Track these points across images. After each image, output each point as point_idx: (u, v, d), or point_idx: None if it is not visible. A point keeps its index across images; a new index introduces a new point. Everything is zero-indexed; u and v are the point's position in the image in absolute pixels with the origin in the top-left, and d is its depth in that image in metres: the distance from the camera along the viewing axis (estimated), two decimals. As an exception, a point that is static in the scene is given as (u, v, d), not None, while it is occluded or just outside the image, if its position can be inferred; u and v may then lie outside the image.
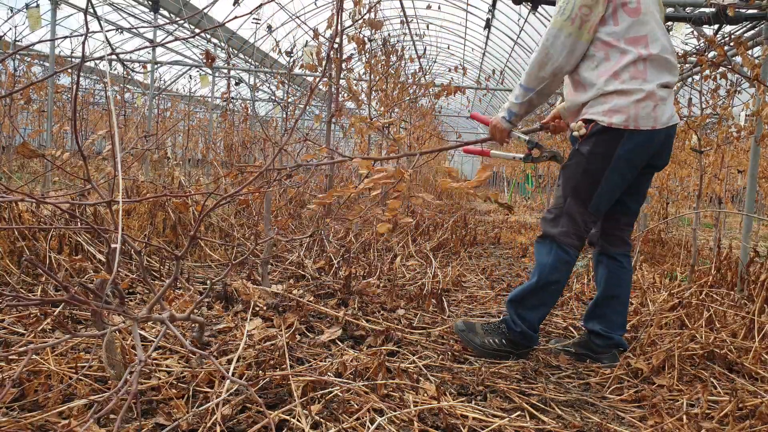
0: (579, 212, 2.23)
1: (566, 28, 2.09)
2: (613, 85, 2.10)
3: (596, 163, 2.17)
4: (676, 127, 2.26)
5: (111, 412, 1.51)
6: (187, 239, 3.07)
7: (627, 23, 2.11)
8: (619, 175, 2.19)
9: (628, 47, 2.10)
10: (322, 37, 4.37)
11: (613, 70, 2.10)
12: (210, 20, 10.26)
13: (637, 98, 2.09)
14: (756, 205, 9.22)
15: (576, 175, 2.21)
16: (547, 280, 2.24)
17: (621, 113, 2.10)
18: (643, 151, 2.17)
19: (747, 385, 2.07)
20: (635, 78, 2.10)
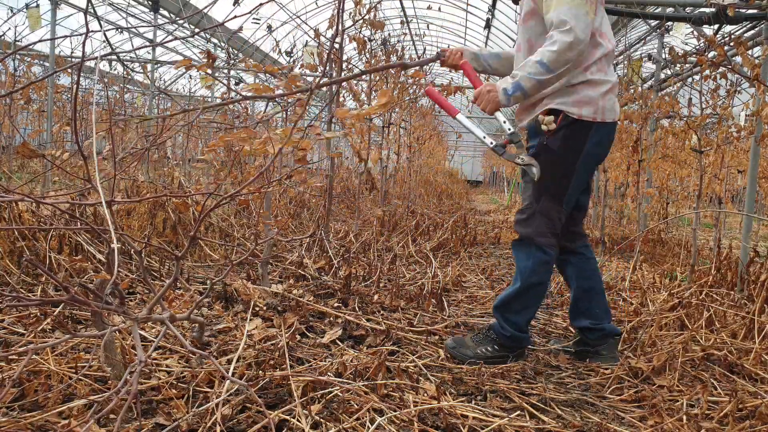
0: (554, 210, 2.19)
1: (583, 7, 1.97)
2: (583, 77, 2.08)
3: (567, 157, 2.14)
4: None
5: (111, 412, 1.51)
6: (187, 239, 3.07)
7: (600, 16, 2.10)
8: (586, 168, 2.19)
9: (601, 40, 2.09)
10: (323, 37, 4.37)
11: (585, 64, 2.08)
12: (210, 20, 10.26)
13: (604, 90, 2.09)
14: (756, 205, 9.22)
15: (549, 173, 2.13)
16: (530, 283, 2.22)
17: (590, 105, 2.08)
18: (608, 143, 2.18)
19: (747, 386, 2.07)
20: (600, 70, 2.10)
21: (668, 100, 4.50)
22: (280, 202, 5.49)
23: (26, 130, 10.43)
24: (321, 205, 4.38)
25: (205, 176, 7.01)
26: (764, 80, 3.24)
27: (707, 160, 4.38)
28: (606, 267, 4.44)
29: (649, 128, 5.31)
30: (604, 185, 6.06)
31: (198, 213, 3.77)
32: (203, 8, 2.49)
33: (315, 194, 6.14)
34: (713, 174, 5.70)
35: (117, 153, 3.03)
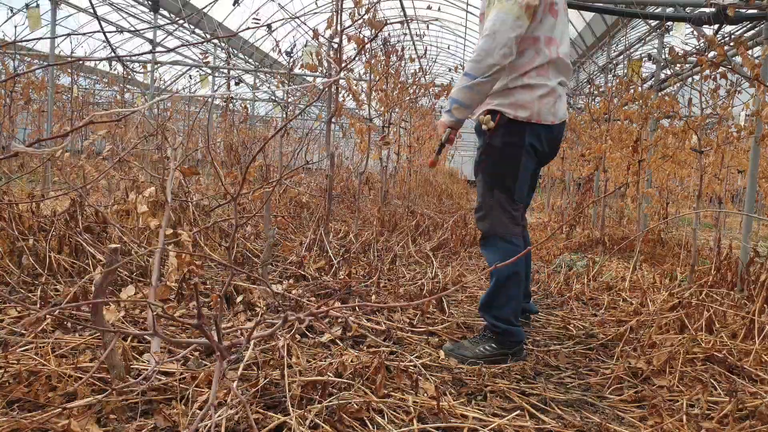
0: (507, 201, 2.29)
1: (513, 11, 2.06)
2: (521, 81, 2.18)
3: (511, 152, 2.25)
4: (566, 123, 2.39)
5: (111, 413, 1.51)
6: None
7: (550, 23, 2.18)
8: (529, 164, 2.30)
9: (543, 48, 2.18)
10: (322, 37, 4.36)
11: (524, 69, 2.18)
12: (210, 20, 10.25)
13: (540, 93, 2.19)
14: (756, 205, 9.22)
15: (496, 168, 2.27)
16: (505, 276, 2.26)
17: (525, 108, 2.19)
18: (549, 143, 2.31)
19: (747, 386, 2.07)
20: (539, 75, 2.19)
21: (668, 100, 4.50)
22: (280, 202, 5.49)
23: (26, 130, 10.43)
24: (321, 205, 4.38)
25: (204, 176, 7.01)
26: (764, 80, 3.24)
27: (707, 160, 4.38)
28: (606, 267, 4.44)
29: (649, 128, 5.31)
30: (604, 185, 6.06)
31: (195, 213, 3.77)
32: (203, 8, 2.49)
33: (315, 194, 6.14)
34: (713, 174, 5.70)
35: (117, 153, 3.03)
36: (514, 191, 2.29)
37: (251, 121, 9.96)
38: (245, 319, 2.46)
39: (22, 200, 3.00)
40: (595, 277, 3.93)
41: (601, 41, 9.42)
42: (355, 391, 1.74)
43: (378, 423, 1.60)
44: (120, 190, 4.09)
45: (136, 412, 1.54)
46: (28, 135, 9.10)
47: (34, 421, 1.40)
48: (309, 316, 1.52)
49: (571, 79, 2.50)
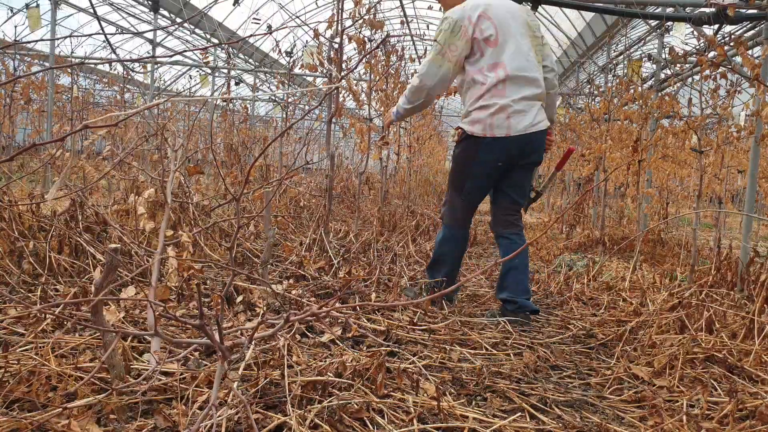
0: (457, 200, 2.86)
1: (437, 61, 2.67)
2: (477, 104, 2.66)
3: (463, 161, 2.78)
4: (543, 133, 2.74)
5: (111, 413, 1.51)
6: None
7: (489, 53, 2.63)
8: (484, 172, 2.77)
9: (489, 74, 2.63)
10: (322, 37, 4.36)
11: (478, 94, 2.65)
12: (210, 20, 10.25)
13: (491, 111, 2.62)
14: (756, 205, 9.22)
15: (453, 172, 2.87)
16: (439, 253, 2.96)
17: (479, 124, 2.65)
18: (500, 153, 2.69)
19: (747, 387, 2.07)
20: (494, 96, 2.63)
21: (668, 100, 4.50)
22: (280, 203, 5.49)
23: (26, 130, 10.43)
24: (321, 205, 4.38)
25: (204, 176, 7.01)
26: (764, 80, 3.24)
27: (707, 160, 4.38)
28: (606, 267, 4.44)
29: (649, 128, 5.31)
30: (604, 185, 6.06)
31: (195, 213, 3.77)
32: (203, 8, 2.49)
33: (315, 194, 6.14)
34: (713, 174, 5.70)
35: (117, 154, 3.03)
36: (462, 192, 2.83)
37: (251, 121, 9.95)
38: (245, 319, 2.46)
39: (22, 200, 3.00)
40: (595, 277, 3.93)
41: (601, 41, 9.42)
42: (355, 391, 1.74)
43: (378, 423, 1.60)
44: (120, 190, 4.09)
45: (136, 412, 1.55)
46: (27, 135, 9.09)
47: (34, 421, 1.40)
48: (310, 316, 1.52)
49: (555, 85, 2.89)
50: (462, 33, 2.62)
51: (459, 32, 2.62)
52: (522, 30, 2.69)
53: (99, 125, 0.96)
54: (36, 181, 6.59)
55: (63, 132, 7.63)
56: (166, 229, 2.55)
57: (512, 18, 2.68)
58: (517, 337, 2.61)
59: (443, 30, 2.66)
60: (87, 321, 2.17)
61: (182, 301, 2.57)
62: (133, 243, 3.01)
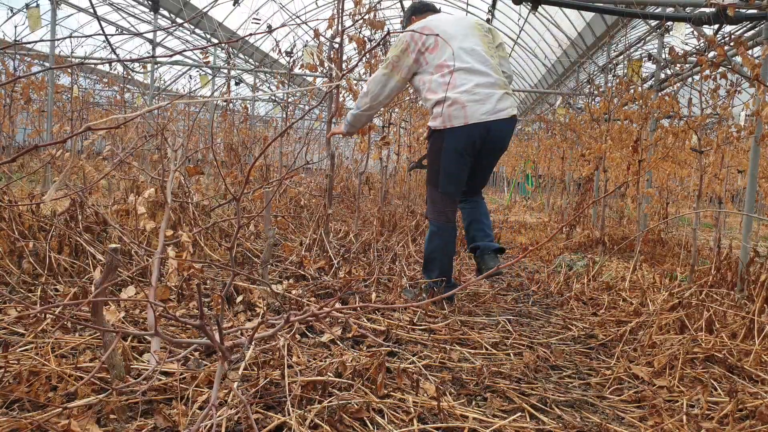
0: (436, 194, 3.01)
1: (383, 72, 2.99)
2: (434, 100, 2.88)
3: (433, 155, 2.97)
4: (507, 121, 2.90)
5: (111, 413, 1.51)
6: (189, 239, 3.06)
7: (432, 57, 2.90)
8: (452, 161, 2.91)
9: (435, 75, 2.88)
10: (322, 37, 4.36)
11: (432, 95, 2.88)
12: (210, 20, 10.25)
13: (447, 104, 2.83)
14: (756, 205, 9.22)
15: (428, 168, 3.04)
16: (429, 250, 3.08)
17: (440, 117, 2.87)
18: (463, 141, 2.86)
19: (747, 387, 2.07)
20: (446, 91, 2.82)
21: (668, 100, 4.50)
22: (281, 202, 5.49)
23: (26, 130, 10.43)
24: (321, 205, 4.38)
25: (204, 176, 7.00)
26: (764, 80, 3.24)
27: (707, 160, 4.38)
28: (606, 267, 4.44)
29: (649, 128, 5.31)
30: (604, 185, 6.06)
31: (195, 213, 3.77)
32: (203, 8, 2.49)
33: (315, 194, 6.14)
34: (713, 174, 5.70)
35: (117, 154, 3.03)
36: (438, 185, 2.97)
37: (251, 121, 9.95)
38: (245, 319, 2.46)
39: (22, 200, 3.00)
40: (595, 277, 3.93)
41: (601, 41, 9.42)
42: (355, 391, 1.74)
43: (378, 423, 1.60)
44: (120, 190, 4.09)
45: (136, 412, 1.55)
46: (27, 135, 9.09)
47: (34, 421, 1.40)
48: (310, 317, 1.52)
49: (505, 70, 3.07)
50: (408, 50, 2.94)
51: (406, 50, 2.94)
52: (467, 31, 2.96)
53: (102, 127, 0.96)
54: (36, 182, 6.59)
55: (63, 132, 7.63)
56: (166, 229, 2.55)
57: (455, 23, 3.00)
58: (517, 337, 2.61)
59: (393, 47, 3.00)
60: (87, 321, 2.17)
61: (182, 301, 2.58)
62: (133, 243, 3.01)
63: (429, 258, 3.08)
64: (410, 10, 3.38)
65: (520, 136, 16.35)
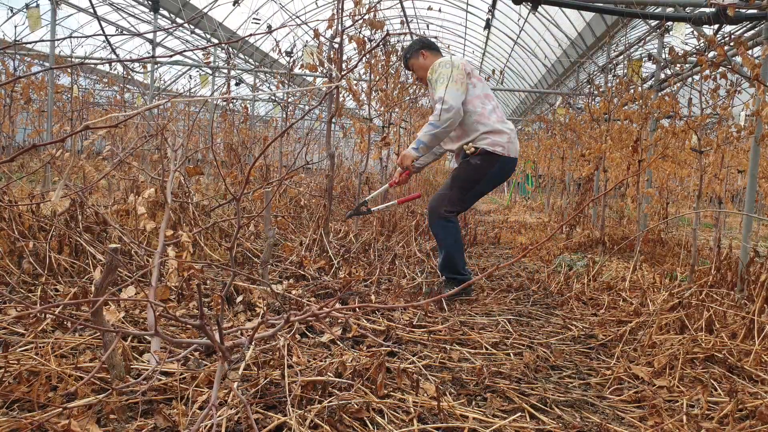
0: (459, 196, 3.33)
1: (453, 87, 3.16)
2: (487, 128, 3.24)
3: (479, 171, 3.28)
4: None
5: (111, 413, 1.51)
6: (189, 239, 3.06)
7: (479, 87, 3.30)
8: (490, 183, 3.38)
9: (485, 103, 3.28)
10: (322, 37, 4.36)
11: (481, 121, 3.23)
12: (210, 20, 10.25)
13: (507, 136, 3.27)
14: (756, 205, 9.22)
15: (466, 177, 3.31)
16: (447, 244, 3.30)
17: (499, 146, 3.25)
18: (506, 170, 3.33)
19: (747, 387, 2.07)
20: (499, 123, 3.26)
21: (668, 100, 4.50)
22: (281, 203, 5.49)
23: (26, 130, 10.43)
24: (321, 205, 4.38)
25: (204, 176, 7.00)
26: (764, 80, 3.24)
27: (707, 160, 4.38)
28: (606, 267, 4.44)
29: (649, 128, 5.31)
30: (604, 185, 6.06)
31: (195, 213, 3.77)
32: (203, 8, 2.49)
33: (315, 194, 6.14)
34: (713, 174, 5.70)
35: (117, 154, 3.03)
36: (468, 192, 3.33)
37: (251, 121, 9.94)
38: (245, 319, 2.46)
39: (22, 200, 3.00)
40: (595, 277, 3.93)
41: (601, 41, 9.42)
42: (355, 391, 1.74)
43: (378, 423, 1.60)
44: (120, 190, 4.09)
45: (136, 412, 1.55)
46: (27, 135, 9.09)
47: (34, 421, 1.40)
48: (310, 317, 1.52)
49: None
50: (461, 67, 3.24)
51: (458, 66, 3.23)
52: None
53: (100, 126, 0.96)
54: (36, 181, 6.59)
55: (63, 132, 7.63)
56: (166, 229, 2.55)
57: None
58: (517, 337, 2.61)
59: (443, 69, 3.22)
60: (87, 321, 2.17)
61: (182, 301, 2.58)
62: (133, 243, 3.01)
63: (449, 255, 3.31)
64: (419, 44, 3.56)
65: (520, 136, 16.35)
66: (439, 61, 3.32)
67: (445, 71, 3.22)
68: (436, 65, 3.31)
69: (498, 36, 13.67)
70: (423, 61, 3.53)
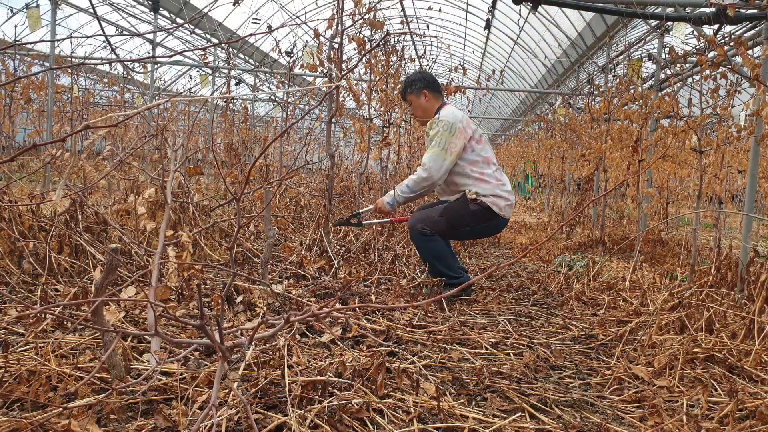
0: (445, 228, 3.31)
1: (441, 156, 3.23)
2: (487, 190, 3.29)
3: (474, 218, 3.31)
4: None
5: (111, 413, 1.51)
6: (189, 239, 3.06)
7: (480, 148, 3.34)
8: (477, 233, 3.45)
9: (486, 166, 3.34)
10: (322, 37, 4.36)
11: (482, 182, 3.29)
12: (210, 20, 10.25)
13: (505, 200, 3.32)
14: (756, 205, 9.22)
15: (459, 216, 3.32)
16: (425, 256, 3.34)
17: (497, 206, 3.30)
18: (498, 226, 3.42)
19: (747, 387, 2.07)
20: (500, 187, 3.32)
21: (668, 100, 4.50)
22: (281, 202, 5.49)
23: (26, 130, 10.43)
24: (321, 205, 4.38)
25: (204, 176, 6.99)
26: (764, 80, 3.24)
27: (707, 160, 4.38)
28: (606, 267, 4.44)
29: (649, 128, 5.31)
30: (604, 185, 6.06)
31: (195, 213, 3.77)
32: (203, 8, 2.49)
33: (315, 194, 6.14)
34: (713, 174, 5.70)
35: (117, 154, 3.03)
36: (455, 229, 3.33)
37: (251, 121, 9.94)
38: (245, 319, 2.46)
39: (22, 200, 3.00)
40: (595, 277, 3.93)
41: (601, 41, 9.42)
42: (355, 391, 1.74)
43: (378, 423, 1.60)
44: (120, 189, 4.09)
45: (136, 412, 1.55)
46: (27, 135, 9.09)
47: (34, 421, 1.40)
48: (310, 317, 1.52)
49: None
50: (459, 132, 3.25)
51: (456, 132, 3.24)
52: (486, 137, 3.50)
53: (100, 126, 0.96)
54: (36, 181, 6.59)
55: (63, 132, 7.63)
56: (166, 229, 2.55)
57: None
58: (517, 337, 2.61)
59: (441, 131, 3.24)
60: (87, 321, 2.17)
61: (182, 301, 2.58)
62: (133, 243, 3.01)
63: (437, 256, 3.31)
64: (423, 82, 3.48)
65: (520, 136, 16.35)
66: (441, 119, 3.29)
67: (442, 135, 3.24)
68: (437, 121, 3.31)
69: (498, 36, 13.68)
70: (424, 102, 3.49)
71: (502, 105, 22.17)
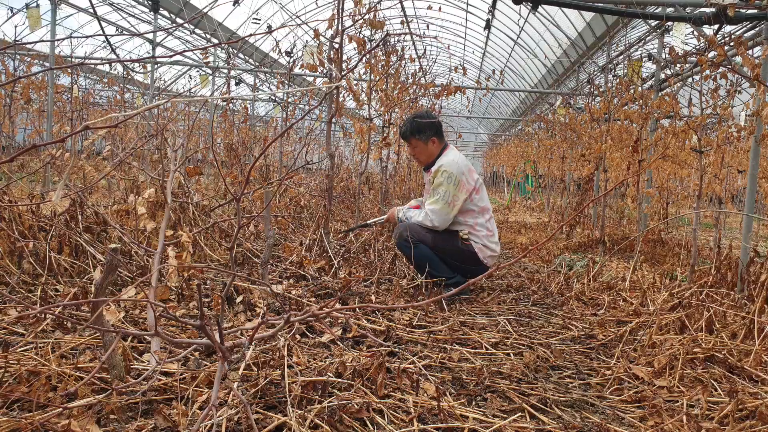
0: (427, 245, 3.40)
1: (445, 209, 3.39)
2: (481, 240, 3.44)
3: (464, 256, 3.43)
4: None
5: (111, 413, 1.51)
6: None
7: (478, 198, 3.49)
8: (467, 269, 3.46)
9: (482, 216, 3.51)
10: (322, 37, 4.36)
11: (477, 230, 3.46)
12: (210, 20, 10.25)
13: (493, 251, 3.49)
14: (756, 205, 9.22)
15: (452, 248, 3.43)
16: (417, 259, 3.41)
17: (486, 257, 3.45)
18: (482, 270, 3.48)
19: (747, 387, 2.07)
20: (491, 238, 3.49)
21: (668, 100, 4.50)
22: (281, 203, 5.49)
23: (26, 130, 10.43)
24: (321, 205, 4.38)
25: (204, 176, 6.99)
26: (764, 80, 3.24)
27: (707, 160, 4.38)
28: (606, 267, 4.44)
29: (649, 128, 5.31)
30: (604, 185, 6.06)
31: (195, 213, 3.77)
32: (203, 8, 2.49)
33: (315, 194, 6.14)
34: (713, 174, 5.69)
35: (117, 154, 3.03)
36: (444, 254, 3.43)
37: (251, 121, 9.95)
38: (245, 319, 2.46)
39: (22, 200, 3.00)
40: (595, 277, 3.93)
41: (601, 41, 9.42)
42: (355, 392, 1.74)
43: (378, 423, 1.60)
44: (120, 190, 4.09)
45: (136, 412, 1.55)
46: (27, 135, 9.09)
47: (34, 421, 1.40)
48: (310, 317, 1.52)
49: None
50: (462, 186, 3.41)
51: (459, 185, 3.39)
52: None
53: (100, 126, 0.96)
54: (36, 181, 6.59)
55: (63, 132, 7.63)
56: (166, 229, 2.55)
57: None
58: (517, 337, 2.61)
59: (445, 183, 3.39)
60: (87, 321, 2.16)
61: (182, 301, 2.58)
62: (133, 243, 3.01)
63: (426, 259, 3.38)
64: (433, 130, 3.55)
65: (520, 136, 16.35)
66: (446, 170, 3.40)
67: (447, 189, 3.38)
68: (441, 171, 3.41)
69: (498, 36, 13.68)
70: (431, 148, 3.56)
71: (503, 105, 22.16)
